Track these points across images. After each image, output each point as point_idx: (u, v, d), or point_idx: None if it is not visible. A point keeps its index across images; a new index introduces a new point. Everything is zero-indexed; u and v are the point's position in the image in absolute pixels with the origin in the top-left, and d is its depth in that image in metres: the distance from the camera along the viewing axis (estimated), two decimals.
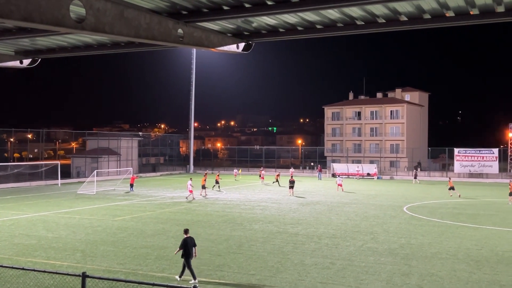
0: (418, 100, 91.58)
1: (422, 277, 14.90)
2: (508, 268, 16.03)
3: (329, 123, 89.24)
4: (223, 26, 13.06)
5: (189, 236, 15.02)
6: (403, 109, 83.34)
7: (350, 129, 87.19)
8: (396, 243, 20.13)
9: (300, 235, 22.06)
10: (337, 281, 14.53)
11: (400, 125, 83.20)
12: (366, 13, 11.72)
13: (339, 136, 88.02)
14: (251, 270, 15.78)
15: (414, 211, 30.59)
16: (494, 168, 63.19)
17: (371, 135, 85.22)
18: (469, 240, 20.82)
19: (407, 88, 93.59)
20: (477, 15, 11.25)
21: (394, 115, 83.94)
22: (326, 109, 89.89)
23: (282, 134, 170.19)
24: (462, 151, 65.02)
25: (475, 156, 64.06)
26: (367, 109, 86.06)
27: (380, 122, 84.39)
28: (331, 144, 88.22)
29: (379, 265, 16.41)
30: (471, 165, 63.98)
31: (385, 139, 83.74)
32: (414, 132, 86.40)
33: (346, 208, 31.74)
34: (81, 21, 9.74)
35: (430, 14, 11.54)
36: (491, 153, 63.60)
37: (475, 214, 29.52)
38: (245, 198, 37.80)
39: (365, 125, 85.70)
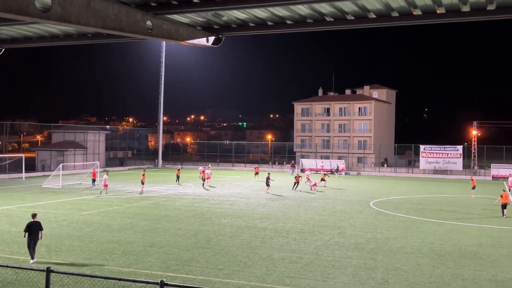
0: (386, 97, 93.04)
1: (387, 271, 15.18)
2: (470, 262, 16.48)
3: (299, 119, 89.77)
4: (193, 19, 12.95)
5: (35, 220, 16.15)
6: (371, 106, 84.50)
7: (319, 126, 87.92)
8: (363, 238, 20.45)
9: (269, 229, 22.16)
10: (304, 275, 14.66)
11: (368, 122, 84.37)
12: (335, 10, 11.81)
13: (308, 132, 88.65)
14: (219, 265, 15.78)
15: (380, 206, 31.12)
16: (458, 165, 64.85)
17: (340, 131, 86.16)
18: (433, 235, 21.31)
19: (375, 85, 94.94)
20: (443, 14, 11.48)
21: (362, 112, 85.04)
22: (295, 105, 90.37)
23: (252, 129, 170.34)
24: (428, 148, 66.46)
25: (440, 152, 65.59)
26: (336, 105, 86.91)
27: (348, 118, 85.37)
28: (300, 140, 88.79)
29: (345, 259, 16.64)
30: (436, 162, 65.48)
31: (353, 136, 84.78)
32: (381, 129, 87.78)
33: (314, 203, 32.04)
34: (46, 10, 9.49)
35: (398, 12, 11.72)
36: (455, 150, 65.23)
37: (439, 209, 30.23)
38: (214, 193, 37.72)
39: (333, 121, 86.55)
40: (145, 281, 8.36)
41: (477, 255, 17.58)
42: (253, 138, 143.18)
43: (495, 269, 15.62)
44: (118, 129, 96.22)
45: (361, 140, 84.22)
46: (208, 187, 41.90)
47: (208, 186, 42.17)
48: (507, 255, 17.57)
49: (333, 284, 13.83)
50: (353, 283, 13.91)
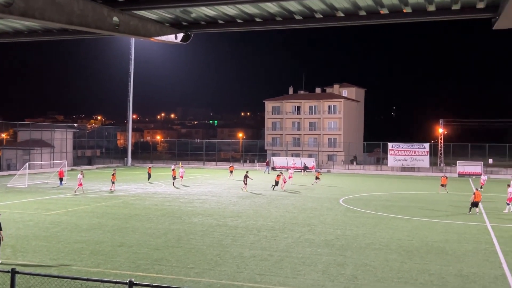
0: (355, 96, 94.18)
1: (357, 267, 15.36)
2: (437, 258, 16.82)
3: (270, 117, 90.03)
4: (161, 15, 12.79)
5: None
6: (340, 104, 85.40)
7: (290, 124, 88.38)
8: (332, 235, 20.64)
9: (240, 227, 22.15)
10: (274, 273, 14.71)
11: (338, 120, 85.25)
12: (304, 8, 11.84)
13: (279, 130, 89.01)
14: (190, 264, 15.68)
15: (349, 203, 31.49)
16: (425, 162, 66.15)
17: (310, 129, 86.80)
18: (401, 231, 21.68)
19: (345, 84, 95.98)
20: (410, 13, 11.62)
21: (332, 110, 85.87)
22: (266, 103, 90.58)
23: (223, 127, 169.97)
24: (396, 146, 67.58)
25: (408, 150, 66.78)
26: (306, 104, 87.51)
27: (318, 117, 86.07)
28: (271, 138, 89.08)
29: (315, 256, 16.77)
30: (404, 159, 66.64)
31: (323, 134, 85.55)
32: (351, 127, 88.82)
33: (285, 201, 32.18)
34: (9, 5, 9.21)
35: (365, 11, 11.81)
36: (422, 148, 66.51)
37: (406, 206, 30.78)
38: (185, 192, 37.48)
39: (304, 119, 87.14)
40: (114, 281, 8.23)
41: (443, 250, 17.95)
42: (224, 136, 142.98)
43: (460, 264, 15.99)
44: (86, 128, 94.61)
45: (331, 138, 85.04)
46: (180, 185, 41.58)
47: (180, 185, 41.84)
48: (472, 250, 18.00)
49: (303, 281, 13.91)
50: (323, 280, 14.03)
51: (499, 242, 19.52)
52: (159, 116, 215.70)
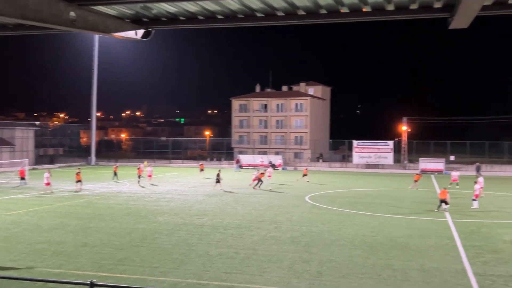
0: (321, 94, 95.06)
1: (322, 264, 15.50)
2: (400, 253, 17.13)
3: (237, 115, 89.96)
4: (121, 11, 12.53)
5: None
6: (306, 102, 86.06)
7: (257, 122, 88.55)
8: (298, 232, 20.77)
9: (206, 226, 22.04)
10: (241, 270, 14.69)
11: (304, 118, 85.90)
12: (266, 6, 11.83)
13: (246, 128, 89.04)
14: (155, 263, 15.49)
15: (315, 200, 31.77)
16: (389, 159, 67.41)
17: (277, 127, 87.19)
18: (365, 227, 21.99)
19: (311, 82, 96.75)
20: (369, 12, 11.73)
21: (298, 108, 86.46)
22: (233, 101, 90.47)
23: (189, 125, 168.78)
24: (360, 143, 68.59)
25: (372, 147, 67.89)
26: (273, 102, 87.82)
27: (285, 114, 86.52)
28: (238, 136, 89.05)
29: (281, 253, 16.83)
30: (368, 156, 67.73)
31: (290, 132, 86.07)
32: (317, 125, 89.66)
33: (251, 199, 32.20)
34: None
35: (326, 10, 11.87)
36: (386, 145, 67.74)
37: (371, 202, 31.26)
38: (150, 190, 37.04)
39: (271, 117, 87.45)
40: (75, 282, 8.02)
41: (406, 246, 18.30)
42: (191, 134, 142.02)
43: (423, 259, 16.32)
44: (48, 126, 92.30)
45: (298, 136, 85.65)
46: (148, 184, 40.99)
47: (149, 184, 41.24)
48: (434, 245, 18.41)
49: (269, 278, 13.95)
50: (288, 276, 14.09)
51: (460, 237, 20.03)
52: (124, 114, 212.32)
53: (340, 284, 13.47)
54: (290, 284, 13.45)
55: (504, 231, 21.48)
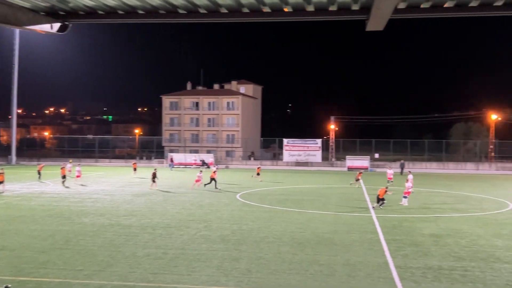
0: (252, 92, 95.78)
1: (251, 261, 15.59)
2: (327, 248, 17.57)
3: (167, 113, 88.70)
4: (35, 3, 11.90)
5: None
6: (238, 101, 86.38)
7: (188, 120, 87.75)
8: (228, 230, 20.78)
9: (134, 226, 21.52)
10: (169, 271, 14.47)
11: (236, 117, 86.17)
12: (187, 3, 11.70)
13: (177, 126, 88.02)
14: (79, 266, 14.92)
15: (246, 198, 31.94)
16: (318, 157, 69.15)
17: (209, 125, 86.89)
18: (294, 224, 22.39)
19: (242, 80, 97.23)
20: (290, 12, 11.89)
21: (230, 107, 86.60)
22: (164, 98, 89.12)
23: (118, 123, 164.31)
24: (290, 141, 69.85)
25: (301, 145, 69.34)
26: (204, 100, 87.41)
27: (217, 113, 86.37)
28: (169, 134, 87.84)
29: (211, 252, 16.76)
30: (298, 154, 69.12)
31: (222, 130, 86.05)
32: (248, 124, 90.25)
33: (182, 198, 31.85)
34: None
35: (248, 9, 11.90)
36: (315, 143, 69.41)
37: (300, 199, 31.88)
38: (75, 191, 35.68)
39: (202, 115, 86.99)
40: None
41: (332, 241, 18.81)
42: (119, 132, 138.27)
43: (348, 253, 16.84)
44: None
45: (230, 134, 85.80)
46: (76, 185, 39.39)
47: (78, 184, 39.62)
48: (358, 240, 19.05)
49: (197, 278, 13.84)
50: (217, 275, 14.06)
51: (383, 231, 20.85)
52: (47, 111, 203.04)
53: (268, 281, 13.61)
54: (219, 283, 13.41)
55: (423, 225, 22.61)
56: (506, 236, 20.09)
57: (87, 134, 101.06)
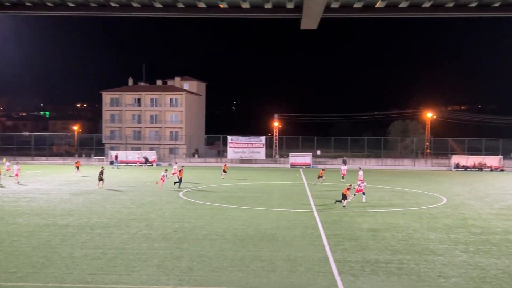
0: (196, 89, 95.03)
1: (193, 259, 15.47)
2: (268, 244, 17.71)
3: (108, 109, 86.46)
4: None
5: None
6: (182, 97, 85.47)
7: (130, 116, 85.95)
8: (170, 228, 20.52)
9: (71, 226, 20.82)
10: (107, 271, 14.11)
11: (179, 113, 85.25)
12: None
13: (118, 123, 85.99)
14: (12, 268, 14.27)
15: (189, 196, 31.67)
16: (262, 154, 69.65)
17: (151, 122, 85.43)
18: (237, 221, 22.42)
19: (186, 77, 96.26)
20: (226, 9, 11.80)
21: (173, 104, 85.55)
22: (104, 94, 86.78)
23: (56, 119, 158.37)
24: (235, 139, 69.94)
25: (246, 143, 69.58)
26: (147, 96, 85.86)
27: (160, 109, 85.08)
28: (109, 131, 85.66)
29: (151, 251, 16.49)
30: (242, 151, 69.34)
31: (165, 127, 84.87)
32: (192, 121, 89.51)
33: (122, 196, 31.15)
34: None
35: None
36: (259, 140, 69.87)
37: (243, 196, 31.97)
38: (9, 190, 34.10)
39: (145, 112, 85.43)
40: None
41: (274, 237, 18.98)
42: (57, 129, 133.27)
43: (289, 249, 17.05)
44: None
45: (173, 131, 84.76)
46: (13, 184, 37.56)
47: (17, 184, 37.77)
48: (299, 235, 19.33)
49: (137, 277, 13.57)
50: (158, 274, 13.84)
51: (323, 226, 21.26)
52: None
53: (210, 278, 13.55)
54: (159, 282, 13.21)
55: (362, 219, 23.25)
56: (440, 230, 21.01)
57: (22, 131, 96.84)
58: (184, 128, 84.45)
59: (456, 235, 19.91)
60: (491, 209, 27.58)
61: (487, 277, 14.00)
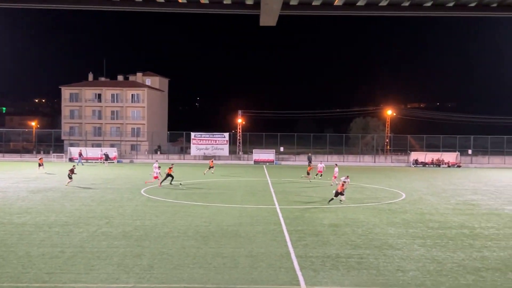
0: (159, 85, 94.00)
1: (154, 257, 15.29)
2: (231, 241, 17.68)
3: (67, 105, 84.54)
4: None
5: None
6: (144, 93, 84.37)
7: (90, 112, 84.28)
8: (131, 226, 20.23)
9: (28, 224, 20.24)
10: (65, 270, 13.78)
11: (141, 109, 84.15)
12: None
13: (78, 119, 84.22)
14: None
15: (151, 193, 31.31)
16: (225, 151, 69.55)
17: (112, 118, 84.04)
18: (199, 218, 22.29)
19: (148, 72, 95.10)
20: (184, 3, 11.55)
21: (135, 99, 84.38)
22: (63, 89, 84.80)
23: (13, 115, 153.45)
24: (198, 135, 69.57)
25: (209, 139, 69.31)
26: (108, 91, 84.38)
27: (121, 105, 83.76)
28: (69, 127, 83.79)
29: (111, 249, 16.21)
30: (206, 148, 69.05)
31: (126, 123, 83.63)
32: (155, 117, 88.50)
33: (82, 194, 30.51)
34: None
35: None
36: (222, 137, 69.70)
37: (206, 193, 31.84)
38: None
39: (105, 108, 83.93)
40: None
41: (237, 233, 18.98)
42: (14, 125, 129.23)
43: (251, 245, 17.07)
44: None
45: (135, 127, 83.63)
46: None
47: None
48: (262, 231, 19.39)
49: (96, 276, 13.31)
50: (118, 272, 13.62)
51: (285, 222, 21.40)
52: None
53: (171, 276, 13.42)
54: (119, 280, 13.00)
55: (324, 215, 23.53)
56: (398, 224, 21.48)
57: None
58: (146, 125, 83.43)
59: (414, 229, 20.40)
60: (448, 204, 28.41)
61: (443, 270, 14.40)
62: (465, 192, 35.17)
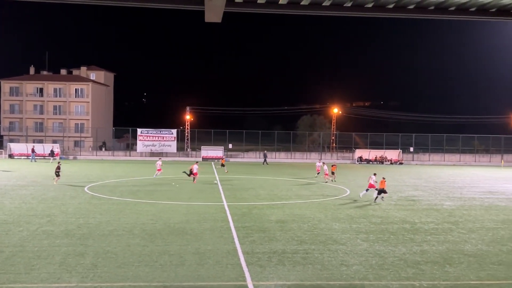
0: (104, 80, 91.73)
1: (97, 255, 14.94)
2: (177, 238, 17.54)
3: (7, 99, 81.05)
4: None
5: None
6: (88, 88, 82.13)
7: (31, 107, 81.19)
8: (74, 224, 19.67)
9: None
10: (4, 270, 13.24)
11: (85, 104, 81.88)
12: None
13: (18, 114, 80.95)
14: None
15: (95, 190, 30.56)
16: (173, 147, 68.83)
17: (55, 113, 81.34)
18: (146, 215, 21.97)
19: (93, 67, 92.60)
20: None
21: (79, 94, 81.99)
22: (2, 83, 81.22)
23: None
24: (145, 131, 68.46)
25: (156, 136, 68.34)
26: (50, 86, 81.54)
27: (64, 100, 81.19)
28: (9, 122, 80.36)
29: (53, 248, 15.71)
30: (153, 145, 68.05)
31: (70, 118, 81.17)
32: (100, 112, 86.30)
33: (22, 191, 29.37)
34: None
35: None
36: (170, 134, 68.92)
37: (152, 190, 31.41)
38: None
39: (48, 102, 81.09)
40: None
41: (184, 231, 18.84)
42: None
43: (198, 242, 17.01)
44: None
45: (78, 123, 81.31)
46: None
47: None
48: (209, 228, 19.35)
49: (37, 275, 12.87)
50: (59, 272, 13.22)
51: (233, 219, 21.45)
52: None
53: (116, 275, 13.17)
54: (61, 280, 12.62)
55: (271, 211, 23.76)
56: (343, 220, 22.01)
57: None
58: (91, 120, 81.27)
59: (357, 224, 20.97)
60: (390, 200, 29.36)
61: (385, 264, 14.88)
62: (406, 188, 36.45)
